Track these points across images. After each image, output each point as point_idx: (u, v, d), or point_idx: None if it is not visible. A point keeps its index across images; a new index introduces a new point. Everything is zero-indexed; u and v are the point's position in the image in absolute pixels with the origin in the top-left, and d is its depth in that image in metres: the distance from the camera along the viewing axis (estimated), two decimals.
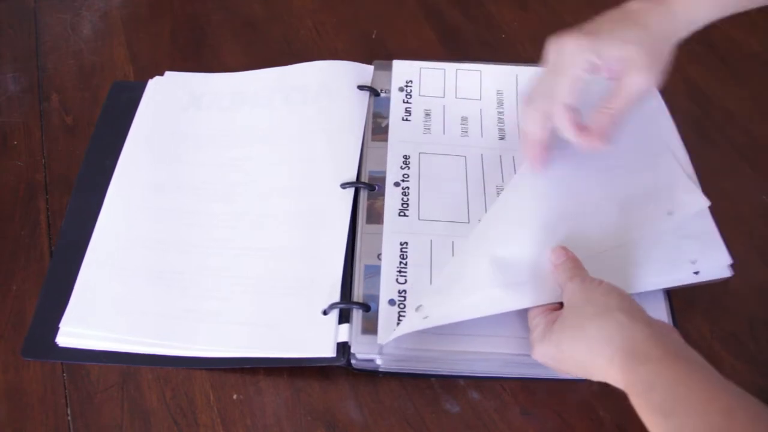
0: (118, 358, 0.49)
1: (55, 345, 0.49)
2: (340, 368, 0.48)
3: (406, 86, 0.63)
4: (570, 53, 0.46)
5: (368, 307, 0.49)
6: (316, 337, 0.48)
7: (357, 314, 0.49)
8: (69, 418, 0.48)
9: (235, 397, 0.49)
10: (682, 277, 0.48)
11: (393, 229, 0.53)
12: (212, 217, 0.56)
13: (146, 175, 0.59)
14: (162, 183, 0.58)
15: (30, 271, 0.55)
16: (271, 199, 0.57)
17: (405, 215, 0.54)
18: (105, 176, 0.59)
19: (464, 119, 0.61)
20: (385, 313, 0.48)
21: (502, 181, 0.56)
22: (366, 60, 0.66)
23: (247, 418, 0.48)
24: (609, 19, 0.47)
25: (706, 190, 0.54)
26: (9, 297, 0.54)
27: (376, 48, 0.71)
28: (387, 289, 0.49)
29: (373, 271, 0.51)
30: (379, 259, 0.51)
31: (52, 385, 0.49)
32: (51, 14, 0.76)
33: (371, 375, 0.49)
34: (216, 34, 0.73)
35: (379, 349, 0.47)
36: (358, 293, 0.50)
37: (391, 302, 0.49)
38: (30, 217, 0.59)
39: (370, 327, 0.48)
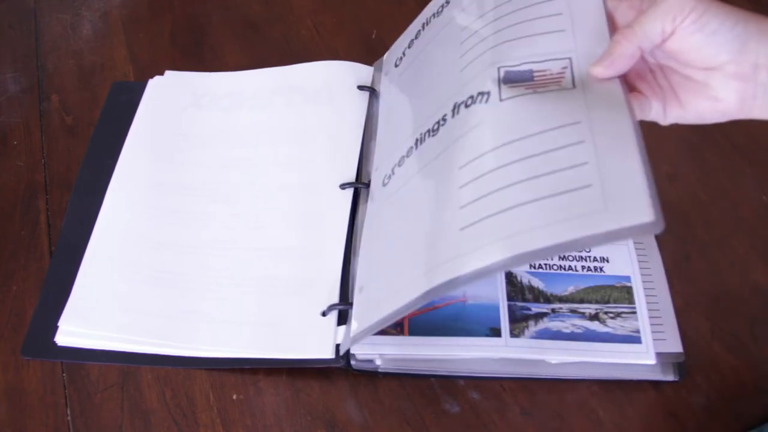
0: (119, 358, 0.49)
1: (55, 344, 0.49)
2: (340, 368, 0.48)
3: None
4: None
5: None
6: (315, 339, 0.48)
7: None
8: (69, 418, 0.48)
9: (235, 397, 0.49)
10: None
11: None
12: (212, 217, 0.56)
13: (146, 175, 0.59)
14: (162, 183, 0.58)
15: (30, 271, 0.55)
16: (270, 200, 0.57)
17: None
18: (105, 176, 0.59)
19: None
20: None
21: None
22: (366, 60, 0.66)
23: (247, 418, 0.48)
24: None
25: (707, 190, 0.54)
26: (9, 297, 0.54)
27: (376, 48, 0.71)
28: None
29: None
30: None
31: (52, 385, 0.49)
32: (51, 14, 0.76)
33: (371, 375, 0.49)
34: (216, 34, 0.73)
35: (378, 356, 0.47)
36: None
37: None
38: (30, 217, 0.59)
39: None
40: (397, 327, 0.48)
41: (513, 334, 0.48)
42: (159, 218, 0.56)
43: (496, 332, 0.48)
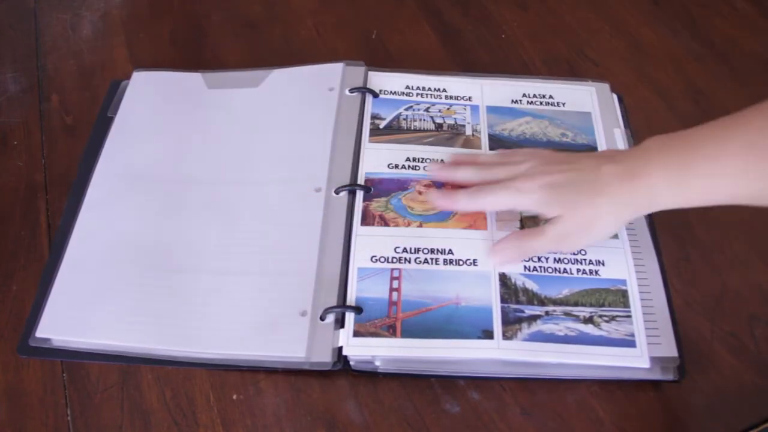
0: (118, 358, 0.49)
1: (51, 343, 0.49)
2: (340, 369, 0.48)
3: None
4: (528, 200, 0.49)
5: (360, 310, 0.49)
6: (313, 342, 0.48)
7: (349, 317, 0.49)
8: (69, 418, 0.48)
9: (235, 397, 0.49)
10: None
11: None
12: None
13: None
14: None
15: (30, 271, 0.55)
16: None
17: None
18: None
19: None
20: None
21: None
22: (366, 60, 0.66)
23: (247, 418, 0.48)
24: (578, 177, 0.48)
25: None
26: (9, 297, 0.54)
27: (376, 48, 0.71)
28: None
29: (367, 274, 0.51)
30: (373, 261, 0.51)
31: (52, 385, 0.49)
32: (51, 14, 0.76)
33: (371, 375, 0.49)
34: (216, 34, 0.73)
35: (373, 357, 0.48)
36: (351, 296, 0.50)
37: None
38: (30, 217, 0.59)
39: (362, 330, 0.48)
40: (389, 329, 0.48)
41: (506, 337, 0.48)
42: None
43: (488, 334, 0.48)
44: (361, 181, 0.57)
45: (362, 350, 0.48)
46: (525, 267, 0.51)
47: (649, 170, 0.46)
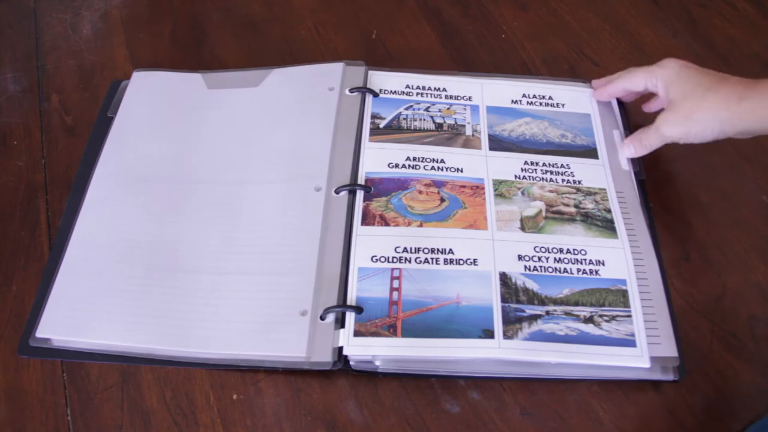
0: (118, 358, 0.49)
1: (51, 343, 0.50)
2: (340, 369, 0.48)
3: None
4: (658, 72, 0.56)
5: (361, 310, 0.49)
6: (313, 342, 0.48)
7: (350, 317, 0.49)
8: (69, 418, 0.48)
9: (235, 397, 0.49)
10: None
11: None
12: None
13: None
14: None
15: (30, 271, 0.55)
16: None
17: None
18: None
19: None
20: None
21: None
22: (366, 60, 0.66)
23: (247, 418, 0.48)
24: (705, 75, 0.54)
25: (707, 190, 0.53)
26: (9, 297, 0.54)
27: (376, 48, 0.71)
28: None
29: (367, 274, 0.51)
30: (374, 261, 0.51)
31: (52, 385, 0.49)
32: (51, 14, 0.76)
33: (371, 375, 0.49)
34: (216, 34, 0.73)
35: (373, 357, 0.48)
36: (351, 296, 0.50)
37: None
38: (30, 217, 0.59)
39: (363, 330, 0.48)
40: (390, 329, 0.48)
41: (506, 336, 0.48)
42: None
43: (489, 334, 0.48)
44: (361, 180, 0.57)
45: (363, 350, 0.48)
46: (525, 267, 0.51)
47: (753, 89, 0.51)
